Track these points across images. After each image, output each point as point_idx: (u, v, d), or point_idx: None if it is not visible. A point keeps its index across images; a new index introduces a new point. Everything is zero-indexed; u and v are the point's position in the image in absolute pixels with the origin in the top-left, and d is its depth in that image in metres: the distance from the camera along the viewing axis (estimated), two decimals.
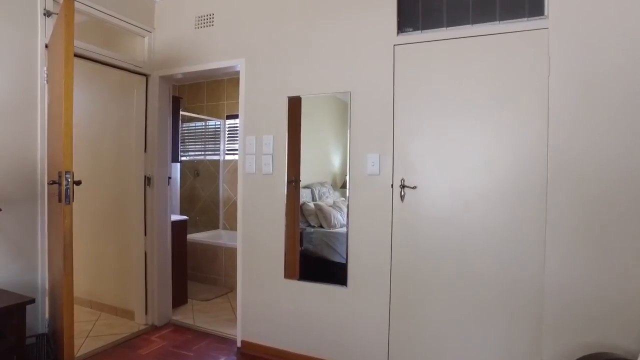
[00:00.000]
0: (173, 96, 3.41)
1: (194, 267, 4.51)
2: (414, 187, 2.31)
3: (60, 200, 1.79)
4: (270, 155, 2.74)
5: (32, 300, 1.90)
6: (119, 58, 2.94)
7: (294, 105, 2.66)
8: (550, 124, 1.98)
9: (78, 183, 1.87)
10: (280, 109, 2.70)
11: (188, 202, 5.45)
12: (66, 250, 1.78)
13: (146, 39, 3.16)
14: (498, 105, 2.11)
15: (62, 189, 1.77)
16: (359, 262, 2.47)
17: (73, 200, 1.85)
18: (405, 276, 2.34)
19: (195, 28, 3.03)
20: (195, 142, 5.47)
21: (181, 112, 5.06)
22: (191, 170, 5.46)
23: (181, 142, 5.52)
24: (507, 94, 2.09)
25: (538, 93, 2.02)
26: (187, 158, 5.51)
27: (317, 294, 2.59)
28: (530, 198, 2.04)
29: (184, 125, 5.49)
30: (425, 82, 2.28)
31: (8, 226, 2.28)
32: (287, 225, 2.69)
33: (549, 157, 1.98)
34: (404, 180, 2.34)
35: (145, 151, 3.19)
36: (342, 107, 2.48)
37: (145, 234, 3.20)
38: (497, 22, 2.10)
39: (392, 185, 2.37)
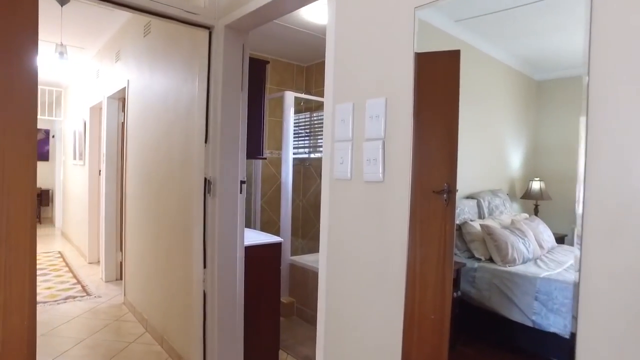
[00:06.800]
0: (252, 58, 2.27)
1: (302, 301, 3.36)
2: None
3: None
4: (380, 141, 1.30)
5: None
6: (161, 1, 1.94)
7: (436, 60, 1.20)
8: None
9: None
10: (400, 36, 1.24)
11: (313, 211, 4.39)
12: None
13: None
14: None
15: None
16: None
17: None
18: None
19: None
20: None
21: (305, 96, 4.04)
22: (318, 171, 4.41)
23: (311, 136, 4.51)
24: None
25: None
26: (316, 155, 4.46)
27: None
28: None
29: (314, 115, 4.47)
30: None
31: None
32: (409, 297, 1.23)
33: None
34: None
35: (205, 142, 2.14)
36: (522, 83, 1.20)
37: (205, 266, 2.15)
38: None
39: None
